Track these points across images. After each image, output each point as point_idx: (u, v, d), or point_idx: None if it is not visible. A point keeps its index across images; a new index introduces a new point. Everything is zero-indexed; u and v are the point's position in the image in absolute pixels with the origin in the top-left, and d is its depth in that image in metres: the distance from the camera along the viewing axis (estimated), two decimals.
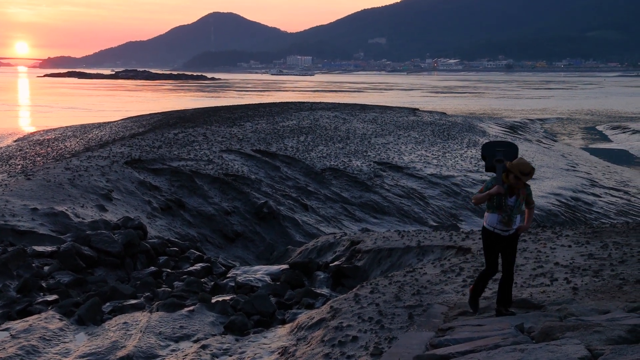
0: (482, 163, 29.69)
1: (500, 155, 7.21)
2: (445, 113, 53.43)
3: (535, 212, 22.35)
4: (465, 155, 31.29)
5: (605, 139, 50.64)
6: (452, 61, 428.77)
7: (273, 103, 48.89)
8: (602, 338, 5.09)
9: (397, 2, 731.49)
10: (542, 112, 73.49)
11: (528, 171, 6.85)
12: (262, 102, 59.24)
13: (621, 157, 40.09)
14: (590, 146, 45.78)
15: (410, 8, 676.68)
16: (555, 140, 47.72)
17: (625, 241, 11.37)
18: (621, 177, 31.35)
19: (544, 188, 26.02)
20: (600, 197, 26.45)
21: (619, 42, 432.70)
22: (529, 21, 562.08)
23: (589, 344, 4.92)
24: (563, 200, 24.42)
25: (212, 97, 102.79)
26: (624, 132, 52.82)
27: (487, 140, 7.45)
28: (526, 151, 36.49)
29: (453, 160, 29.41)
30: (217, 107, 46.84)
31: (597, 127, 58.72)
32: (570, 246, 11.25)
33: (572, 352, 4.67)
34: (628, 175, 32.47)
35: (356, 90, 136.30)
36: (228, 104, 54.40)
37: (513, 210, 6.99)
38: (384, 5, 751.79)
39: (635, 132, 51.78)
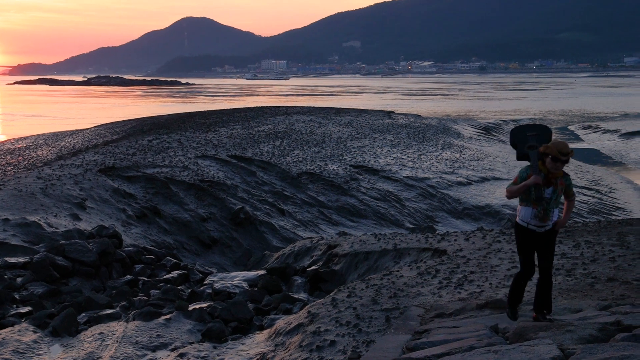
0: (458, 165, 30.01)
1: (533, 141, 6.50)
2: (420, 115, 53.76)
3: (509, 212, 22.58)
4: (440, 157, 31.53)
5: (577, 138, 51.37)
6: (426, 63, 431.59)
7: (248, 108, 48.78)
8: (574, 337, 5.18)
9: (370, 6, 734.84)
10: (515, 113, 74.31)
11: (567, 151, 6.15)
12: (236, 107, 59.06)
13: (593, 157, 40.70)
14: None
15: (384, 11, 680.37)
16: None
17: (596, 240, 11.57)
18: (593, 176, 31.82)
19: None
20: None
21: (589, 43, 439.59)
22: (501, 24, 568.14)
23: (561, 344, 5.00)
24: None
25: (183, 102, 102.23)
26: (595, 132, 53.63)
27: (512, 129, 6.36)
28: (500, 152, 36.90)
29: (428, 162, 29.62)
30: (192, 112, 46.59)
31: (569, 127, 59.54)
32: None
33: (544, 352, 4.75)
34: (599, 175, 32.98)
35: (330, 94, 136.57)
36: (202, 110, 54.14)
37: (550, 204, 6.25)
38: (357, 8, 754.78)
39: (606, 131, 52.61)
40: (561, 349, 4.85)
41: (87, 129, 40.07)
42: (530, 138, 6.55)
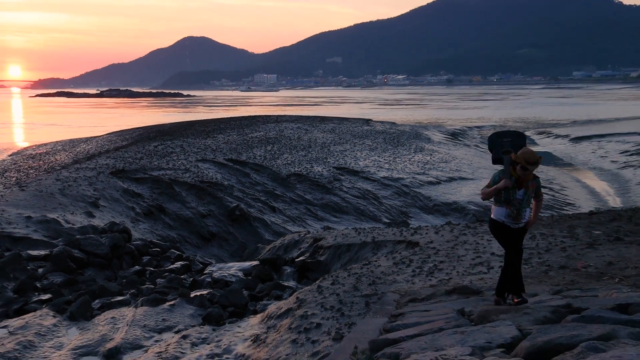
0: (428, 166, 30.09)
1: (507, 146, 6.25)
2: (395, 123, 53.84)
3: (473, 208, 22.68)
4: (413, 159, 31.62)
5: (533, 142, 51.69)
6: (400, 77, 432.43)
7: (242, 117, 48.60)
8: (531, 319, 5.21)
9: (351, 26, 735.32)
10: (478, 121, 74.63)
11: (534, 160, 5.94)
12: (231, 116, 58.85)
13: (546, 159, 40.96)
14: None
15: (363, 31, 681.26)
16: None
17: (550, 232, 11.65)
18: (546, 176, 32.05)
19: (482, 187, 26.42)
20: None
21: (543, 59, 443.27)
22: (466, 41, 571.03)
23: (519, 325, 5.03)
24: None
25: (184, 112, 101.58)
26: (548, 137, 54.04)
27: (492, 134, 6.02)
28: (466, 155, 37.06)
29: (402, 164, 29.68)
30: (192, 121, 46.36)
31: (525, 133, 59.81)
32: None
33: (505, 332, 4.77)
34: (552, 174, 33.25)
35: (315, 104, 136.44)
36: (201, 119, 53.88)
37: (522, 204, 6.06)
38: (339, 28, 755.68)
39: (557, 136, 53.04)
40: (519, 329, 4.88)
41: (100, 136, 39.76)
42: (504, 143, 6.37)
